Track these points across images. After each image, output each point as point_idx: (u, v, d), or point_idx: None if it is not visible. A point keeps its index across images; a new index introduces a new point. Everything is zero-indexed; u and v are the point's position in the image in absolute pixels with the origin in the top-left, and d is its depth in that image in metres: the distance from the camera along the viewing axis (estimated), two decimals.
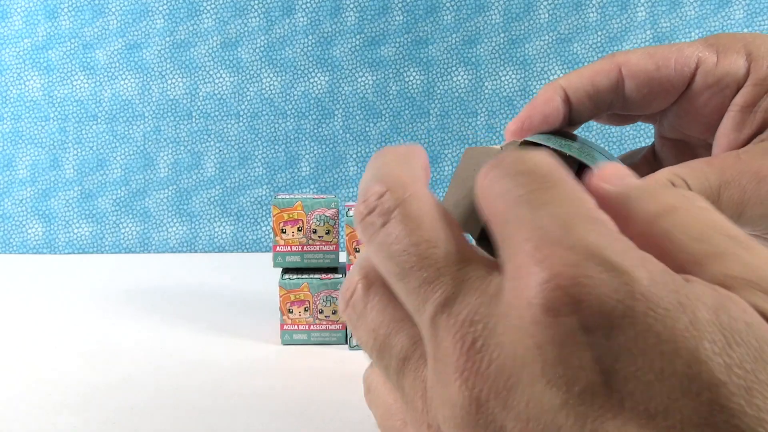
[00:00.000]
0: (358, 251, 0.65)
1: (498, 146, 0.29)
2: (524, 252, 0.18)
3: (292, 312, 0.67)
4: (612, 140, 1.01)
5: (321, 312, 0.67)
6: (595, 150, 0.31)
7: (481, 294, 0.18)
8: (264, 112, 1.02)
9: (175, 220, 1.02)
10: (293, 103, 1.02)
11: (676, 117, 0.33)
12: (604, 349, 0.17)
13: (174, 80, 1.01)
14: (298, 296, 0.66)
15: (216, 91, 1.01)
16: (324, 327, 0.67)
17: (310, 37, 1.01)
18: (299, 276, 0.67)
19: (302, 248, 0.67)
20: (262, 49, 1.01)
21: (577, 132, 0.34)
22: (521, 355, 0.17)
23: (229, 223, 1.02)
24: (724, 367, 0.16)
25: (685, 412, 0.16)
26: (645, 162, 0.36)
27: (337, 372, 0.61)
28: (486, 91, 1.01)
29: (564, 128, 0.33)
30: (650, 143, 0.38)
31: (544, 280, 0.17)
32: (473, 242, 0.25)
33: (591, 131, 1.01)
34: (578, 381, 0.17)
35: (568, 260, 0.17)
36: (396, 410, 0.21)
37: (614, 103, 0.33)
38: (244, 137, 1.02)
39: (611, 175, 0.20)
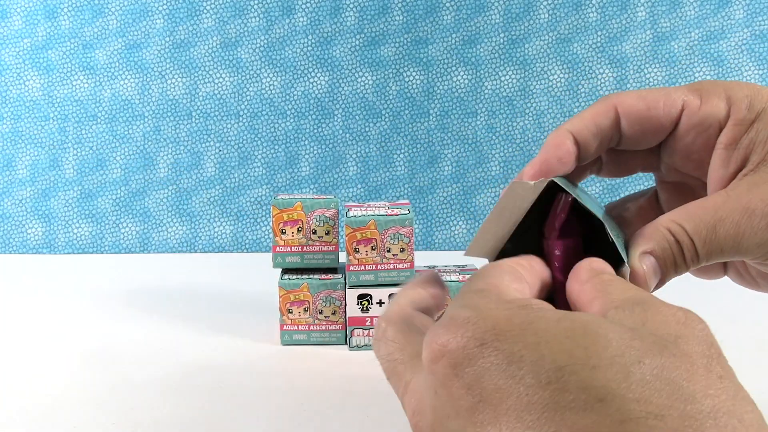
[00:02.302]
0: (358, 251, 0.65)
1: (532, 182, 0.34)
2: None
3: (291, 312, 0.67)
4: None
5: (321, 312, 0.67)
6: (593, 201, 0.37)
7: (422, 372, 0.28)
8: (264, 112, 1.02)
9: (175, 220, 1.02)
10: (293, 103, 1.02)
11: (670, 156, 0.37)
12: (470, 376, 0.24)
13: (174, 80, 1.01)
14: (297, 296, 0.66)
15: (216, 91, 1.01)
16: (324, 327, 0.67)
17: (310, 37, 1.01)
18: (299, 276, 0.67)
19: (302, 249, 0.67)
20: (262, 49, 1.01)
21: None
22: (431, 399, 0.26)
23: (229, 223, 1.02)
24: (555, 370, 0.24)
25: (541, 401, 0.23)
26: (649, 206, 0.40)
27: (337, 372, 0.61)
28: (486, 91, 1.01)
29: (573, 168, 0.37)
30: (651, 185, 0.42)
31: (427, 343, 0.26)
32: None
33: None
34: (462, 404, 0.25)
35: (441, 323, 0.26)
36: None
37: (614, 139, 0.37)
38: (244, 137, 1.02)
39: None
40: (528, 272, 0.32)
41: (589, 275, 0.31)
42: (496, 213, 0.34)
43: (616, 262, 0.33)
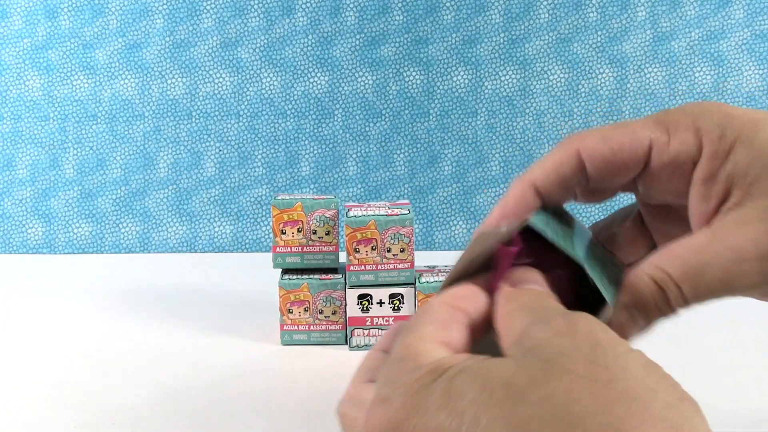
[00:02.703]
0: (358, 251, 0.65)
1: (504, 230, 0.32)
2: None
3: (292, 312, 0.67)
4: None
5: (321, 312, 0.67)
6: (577, 234, 0.35)
7: None
8: (264, 112, 1.02)
9: (175, 220, 1.02)
10: (293, 102, 1.02)
11: (647, 190, 0.35)
12: None
13: (174, 80, 1.01)
14: (298, 296, 0.67)
15: (216, 91, 1.01)
16: (324, 327, 0.67)
17: (310, 37, 1.01)
18: (299, 276, 0.67)
19: (302, 249, 0.67)
20: (262, 49, 1.01)
21: None
22: None
23: (229, 223, 1.02)
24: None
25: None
26: (635, 227, 0.39)
27: (337, 372, 0.61)
28: (486, 91, 1.01)
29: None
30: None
31: (343, 421, 0.32)
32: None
33: None
34: None
35: (369, 406, 0.28)
36: None
37: (581, 183, 0.35)
38: (244, 137, 1.02)
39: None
40: (462, 307, 0.31)
41: (499, 311, 0.31)
42: (463, 262, 0.33)
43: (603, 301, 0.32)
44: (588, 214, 1.02)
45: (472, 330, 0.31)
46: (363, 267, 0.65)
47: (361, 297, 0.66)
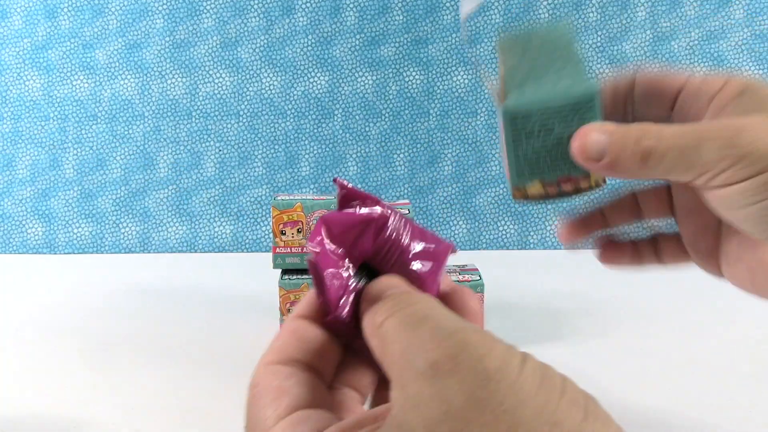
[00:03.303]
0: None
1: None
2: None
3: (291, 312, 0.67)
4: None
5: None
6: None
7: None
8: (264, 112, 1.02)
9: (175, 220, 1.02)
10: (293, 103, 1.02)
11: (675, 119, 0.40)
12: None
13: (174, 80, 1.01)
14: (297, 296, 0.66)
15: (216, 91, 1.01)
16: None
17: (310, 37, 1.01)
18: (299, 276, 0.67)
19: (302, 250, 0.67)
20: (262, 49, 1.01)
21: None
22: None
23: (229, 223, 1.02)
24: None
25: None
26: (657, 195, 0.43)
27: None
28: (485, 91, 1.01)
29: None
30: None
31: None
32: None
33: None
34: None
35: None
36: None
37: (628, 103, 0.41)
38: (244, 137, 1.02)
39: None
40: (284, 378, 0.29)
41: (368, 325, 0.28)
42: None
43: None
44: None
45: (324, 363, 0.29)
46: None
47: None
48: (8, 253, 1.02)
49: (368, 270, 0.30)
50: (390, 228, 0.30)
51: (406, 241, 0.31)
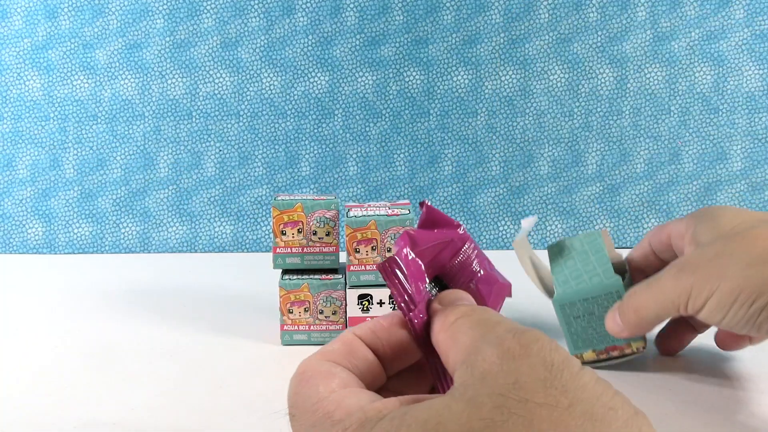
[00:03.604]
0: (358, 252, 0.65)
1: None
2: None
3: (292, 312, 0.67)
4: (612, 141, 1.01)
5: (321, 312, 0.67)
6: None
7: None
8: (264, 112, 1.02)
9: (175, 220, 1.02)
10: (293, 103, 1.02)
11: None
12: None
13: (174, 80, 1.01)
14: (298, 297, 0.67)
15: (216, 91, 1.01)
16: (324, 327, 0.67)
17: (310, 37, 1.01)
18: (299, 276, 0.67)
19: (302, 250, 0.67)
20: (262, 49, 1.01)
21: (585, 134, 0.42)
22: None
23: (229, 223, 1.02)
24: None
25: None
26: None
27: None
28: (486, 91, 1.01)
29: None
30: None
31: None
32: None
33: (591, 130, 1.01)
34: None
35: None
36: None
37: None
38: (244, 137, 1.02)
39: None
40: (343, 358, 0.31)
41: (439, 323, 0.30)
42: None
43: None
44: None
45: (366, 382, 0.30)
46: (363, 267, 0.65)
47: (361, 297, 0.66)
48: (8, 253, 1.02)
49: (440, 283, 0.34)
50: (464, 252, 0.35)
51: (476, 267, 0.35)
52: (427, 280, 0.33)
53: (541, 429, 0.23)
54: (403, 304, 0.32)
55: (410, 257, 0.33)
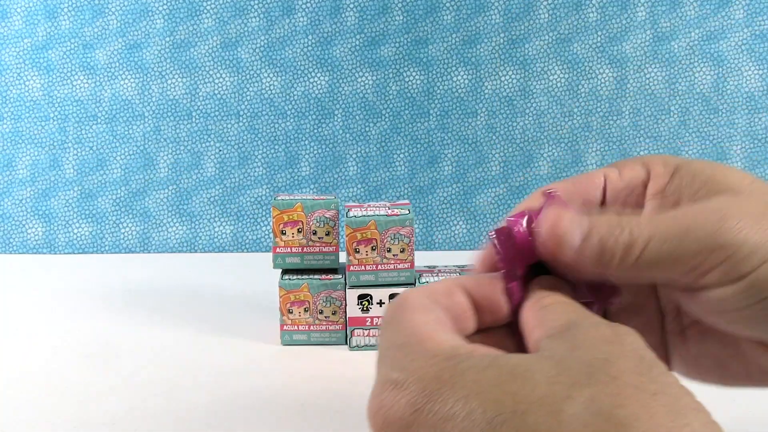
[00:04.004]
0: (358, 252, 0.65)
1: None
2: None
3: (292, 312, 0.67)
4: (612, 141, 1.01)
5: (321, 312, 0.67)
6: None
7: None
8: (264, 112, 1.02)
9: (175, 220, 1.02)
10: (293, 103, 1.02)
11: None
12: None
13: (174, 80, 1.01)
14: (298, 297, 0.67)
15: (216, 91, 1.01)
16: (324, 327, 0.67)
17: (310, 37, 1.01)
18: (299, 276, 0.67)
19: (302, 250, 0.67)
20: (262, 49, 1.01)
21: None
22: None
23: (229, 223, 1.02)
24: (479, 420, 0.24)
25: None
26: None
27: (337, 373, 0.61)
28: (486, 91, 1.01)
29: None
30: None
31: (369, 413, 0.27)
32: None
33: (591, 130, 1.01)
34: None
35: (375, 392, 0.27)
36: None
37: None
38: (244, 137, 1.02)
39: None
40: (442, 296, 0.31)
41: (531, 302, 0.31)
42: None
43: None
44: None
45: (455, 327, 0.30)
46: (363, 267, 0.65)
47: (361, 297, 0.66)
48: (8, 253, 1.02)
49: (543, 268, 0.33)
50: None
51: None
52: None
53: (625, 404, 0.23)
54: (505, 272, 0.32)
55: (522, 229, 0.32)
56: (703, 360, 0.36)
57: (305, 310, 0.67)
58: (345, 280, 0.66)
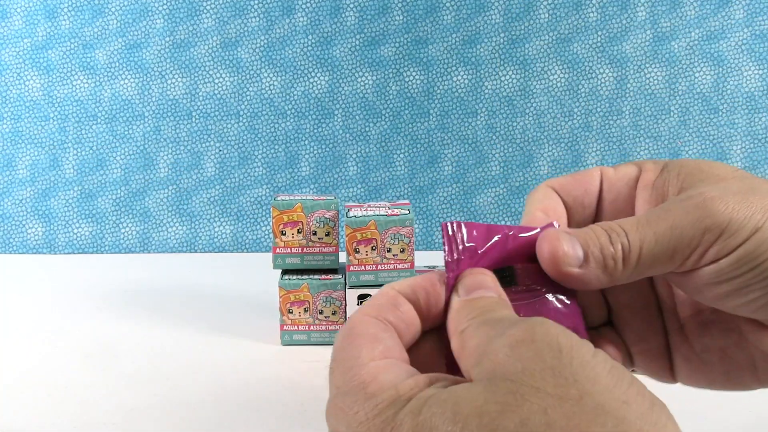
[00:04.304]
0: (358, 252, 0.65)
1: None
2: None
3: (291, 312, 0.67)
4: (612, 141, 1.01)
5: (321, 312, 0.67)
6: None
7: None
8: (264, 112, 1.02)
9: (175, 220, 1.02)
10: (293, 103, 1.02)
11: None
12: None
13: (174, 80, 1.01)
14: (298, 297, 0.67)
15: (216, 91, 1.01)
16: (324, 327, 0.67)
17: (310, 37, 1.01)
18: (299, 277, 0.67)
19: (302, 250, 0.67)
20: (262, 49, 1.01)
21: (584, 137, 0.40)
22: None
23: (229, 223, 1.02)
24: None
25: None
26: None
27: None
28: (486, 91, 1.01)
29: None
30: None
31: None
32: None
33: (591, 130, 1.01)
34: None
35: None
36: None
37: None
38: (244, 137, 1.02)
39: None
40: (389, 311, 0.31)
41: (453, 328, 0.30)
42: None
43: None
44: None
45: (404, 338, 0.31)
46: (363, 267, 0.65)
47: (361, 297, 0.66)
48: (8, 253, 1.02)
49: (510, 274, 0.33)
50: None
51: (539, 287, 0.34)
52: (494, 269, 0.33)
53: (555, 420, 0.23)
54: (449, 261, 0.32)
55: (480, 229, 0.32)
56: (707, 356, 0.36)
57: (305, 310, 0.67)
58: (345, 280, 0.67)
